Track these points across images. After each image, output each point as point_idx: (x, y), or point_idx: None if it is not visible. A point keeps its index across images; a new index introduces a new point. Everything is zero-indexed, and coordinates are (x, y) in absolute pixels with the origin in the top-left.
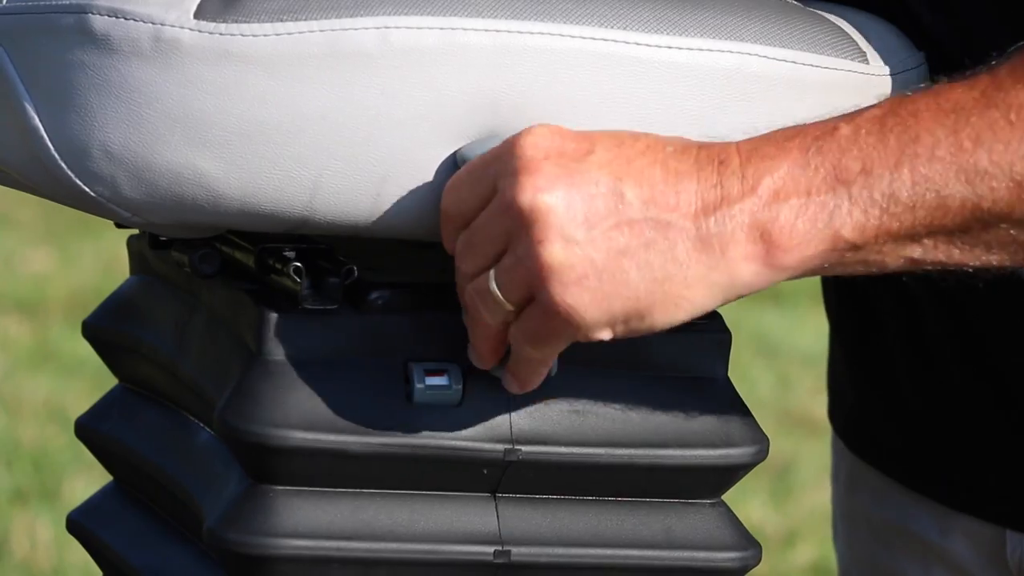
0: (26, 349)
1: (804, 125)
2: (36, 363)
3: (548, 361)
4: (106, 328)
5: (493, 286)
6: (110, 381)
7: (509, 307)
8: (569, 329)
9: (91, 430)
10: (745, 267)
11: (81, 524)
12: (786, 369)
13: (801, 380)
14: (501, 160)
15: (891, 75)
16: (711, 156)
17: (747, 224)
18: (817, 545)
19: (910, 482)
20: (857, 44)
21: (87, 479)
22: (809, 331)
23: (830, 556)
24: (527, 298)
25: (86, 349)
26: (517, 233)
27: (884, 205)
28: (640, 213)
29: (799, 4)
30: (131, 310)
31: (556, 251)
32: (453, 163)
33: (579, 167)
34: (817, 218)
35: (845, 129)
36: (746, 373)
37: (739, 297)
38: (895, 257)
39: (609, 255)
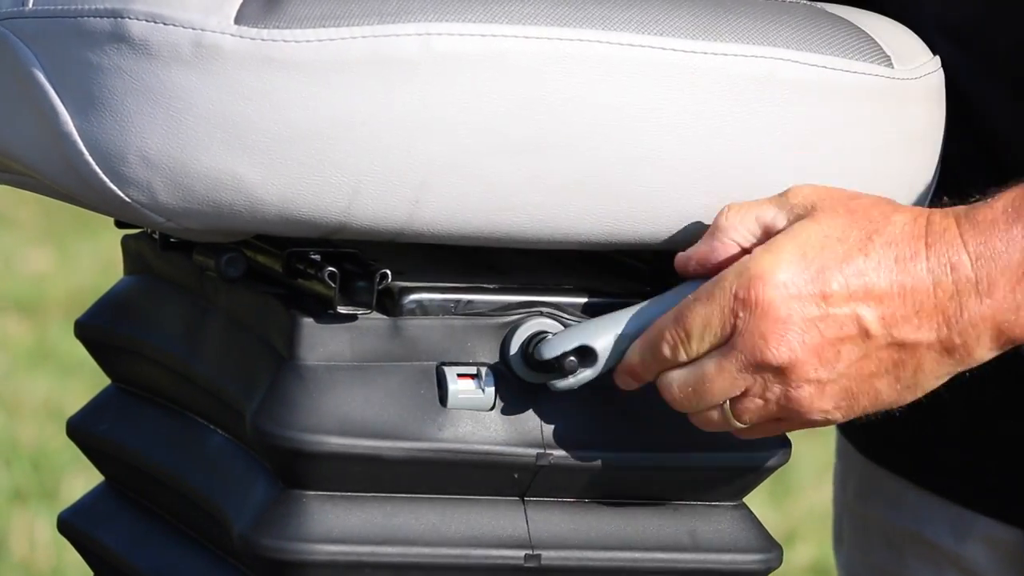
0: (25, 349)
1: (1018, 203)
2: (35, 363)
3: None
4: (100, 328)
5: (730, 417)
6: (109, 381)
7: (744, 427)
8: (807, 426)
9: (85, 431)
10: (987, 355)
11: (73, 525)
12: None
13: None
14: (741, 314)
15: (915, 79)
16: (941, 262)
17: (991, 327)
18: (816, 545)
19: (929, 484)
20: (882, 48)
21: (86, 479)
22: None
23: (829, 556)
24: (771, 419)
25: (85, 349)
26: (765, 383)
27: None
28: (885, 340)
29: (823, 8)
30: (129, 310)
31: (810, 394)
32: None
33: (821, 313)
34: None
35: None
36: None
37: None
38: None
39: (860, 380)
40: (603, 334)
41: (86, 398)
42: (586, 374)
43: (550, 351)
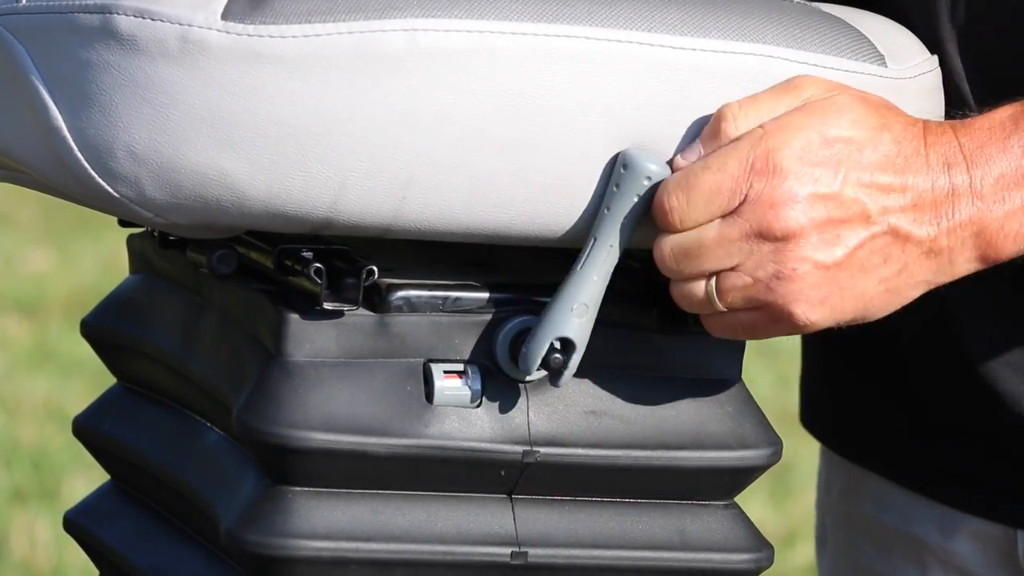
0: (25, 349)
1: (1017, 116)
2: (35, 363)
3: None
4: (106, 327)
5: (713, 293)
6: (109, 381)
7: (723, 309)
8: (795, 331)
9: (90, 429)
10: (965, 267)
11: (78, 523)
12: (786, 369)
13: None
14: (755, 184)
15: (909, 78)
16: (940, 161)
17: (975, 233)
18: None
19: (914, 485)
20: (875, 47)
21: (86, 479)
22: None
23: None
24: (750, 307)
25: (85, 349)
26: (763, 255)
27: None
28: (881, 228)
29: (818, 7)
30: (132, 309)
31: (807, 275)
32: (612, 164)
33: (831, 192)
34: None
35: None
36: (746, 373)
37: None
38: None
39: (851, 273)
40: (566, 317)
41: (86, 398)
42: (574, 359)
43: (533, 359)
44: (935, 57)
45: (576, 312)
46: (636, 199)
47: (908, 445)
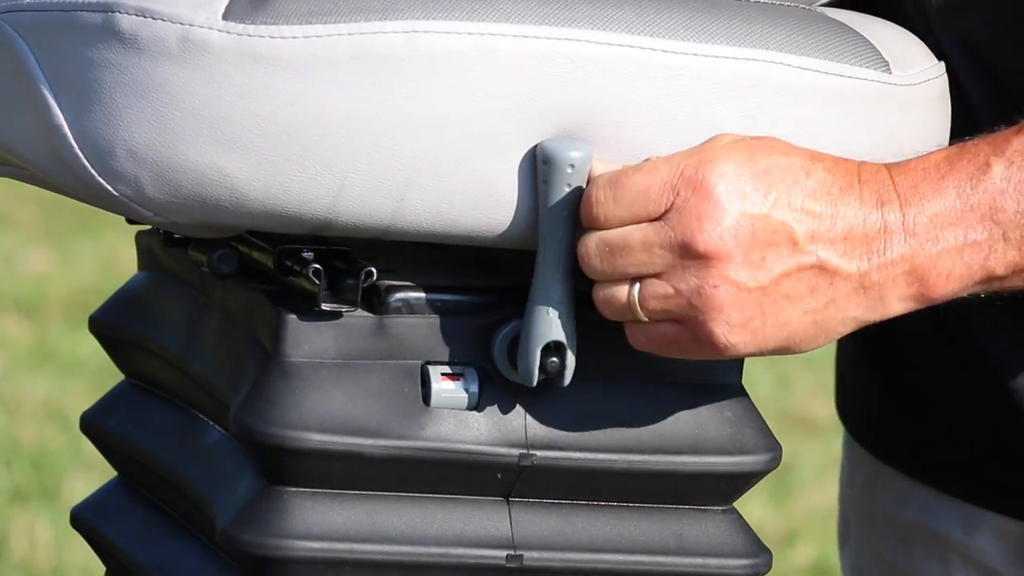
0: (26, 349)
1: (952, 158)
2: (35, 363)
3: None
4: (113, 323)
5: (635, 300)
6: (110, 380)
7: (644, 319)
8: (716, 354)
9: (96, 425)
10: (898, 306)
11: (84, 520)
12: (786, 369)
13: (801, 380)
14: (682, 192)
15: (914, 84)
16: (872, 197)
17: (907, 271)
18: (817, 545)
19: (936, 482)
20: (880, 54)
21: (86, 479)
22: None
23: (830, 556)
24: (671, 319)
25: (85, 349)
26: (686, 269)
27: None
28: (810, 259)
29: (823, 13)
30: (139, 306)
31: (729, 295)
32: (532, 157)
33: (759, 212)
34: (973, 261)
35: (997, 167)
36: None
37: None
38: None
39: (775, 300)
40: (546, 321)
41: (86, 398)
42: (569, 357)
43: (531, 370)
44: (942, 64)
45: (553, 314)
46: (568, 189)
47: (930, 445)
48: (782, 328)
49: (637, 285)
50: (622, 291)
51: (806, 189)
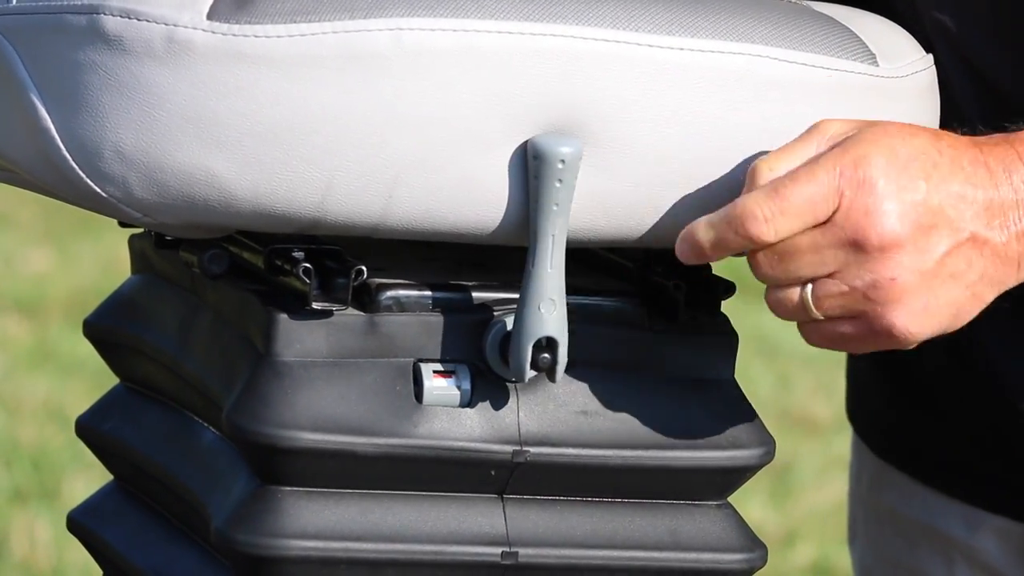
0: (26, 349)
1: None
2: (35, 363)
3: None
4: (107, 327)
5: (808, 301)
6: (109, 381)
7: (820, 317)
8: (895, 344)
9: (92, 429)
10: None
11: (82, 523)
12: (786, 369)
13: (801, 380)
14: (847, 193)
15: (901, 77)
16: (999, 162)
17: None
18: (817, 545)
19: (939, 484)
20: (867, 46)
21: (86, 479)
22: None
23: (830, 556)
24: (846, 316)
25: (85, 349)
26: (860, 265)
27: None
28: (965, 233)
29: (809, 6)
30: (133, 309)
31: (905, 284)
32: (520, 153)
33: (917, 198)
34: None
35: None
36: (746, 373)
37: None
38: None
39: (944, 281)
40: (537, 317)
41: (86, 398)
42: (561, 353)
43: (522, 366)
44: (930, 56)
45: (544, 309)
46: (559, 184)
47: (931, 446)
48: (952, 306)
49: (809, 286)
50: (794, 293)
51: (945, 168)
